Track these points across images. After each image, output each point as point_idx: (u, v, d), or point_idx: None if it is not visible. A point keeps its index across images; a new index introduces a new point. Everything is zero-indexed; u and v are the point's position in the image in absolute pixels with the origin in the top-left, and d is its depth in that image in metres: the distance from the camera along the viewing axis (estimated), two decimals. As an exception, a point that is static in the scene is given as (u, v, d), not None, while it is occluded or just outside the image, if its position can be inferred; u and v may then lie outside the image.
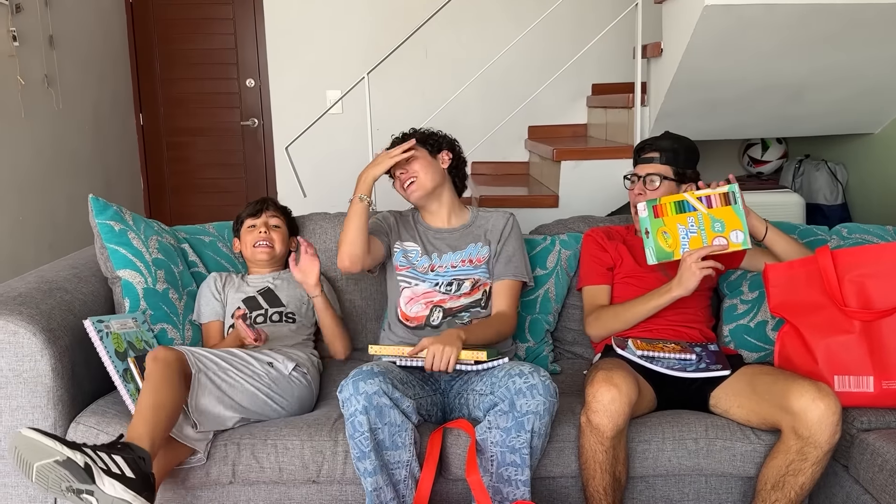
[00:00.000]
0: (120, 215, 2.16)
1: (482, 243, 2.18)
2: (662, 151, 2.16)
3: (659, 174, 2.15)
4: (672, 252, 2.00)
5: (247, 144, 4.83)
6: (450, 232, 2.21)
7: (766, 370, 1.90)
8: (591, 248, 2.26)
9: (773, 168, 4.08)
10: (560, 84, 3.73)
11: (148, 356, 1.75)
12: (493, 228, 2.21)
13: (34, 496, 1.86)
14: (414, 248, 2.19)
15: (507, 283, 2.16)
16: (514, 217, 2.26)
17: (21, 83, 3.49)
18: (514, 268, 2.17)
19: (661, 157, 2.16)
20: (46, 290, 1.97)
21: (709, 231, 1.97)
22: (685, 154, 2.17)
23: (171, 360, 1.73)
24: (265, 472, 1.83)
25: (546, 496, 1.88)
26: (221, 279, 2.28)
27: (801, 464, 1.71)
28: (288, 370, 1.98)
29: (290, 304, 2.26)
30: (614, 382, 1.74)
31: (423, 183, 2.14)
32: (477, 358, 1.84)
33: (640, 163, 2.20)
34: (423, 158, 2.15)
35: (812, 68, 2.76)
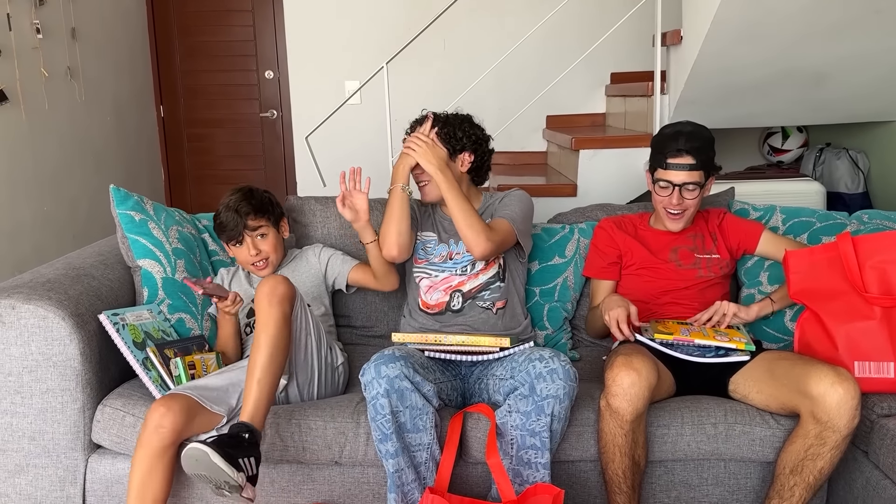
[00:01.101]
0: (141, 205, 2.19)
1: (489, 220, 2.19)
2: (696, 155, 2.04)
3: (696, 182, 2.06)
4: (671, 333, 1.95)
5: (266, 136, 4.86)
6: None
7: (785, 355, 1.90)
8: (598, 242, 2.27)
9: (793, 157, 4.05)
10: (578, 73, 3.72)
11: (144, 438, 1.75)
12: (497, 203, 2.22)
13: (63, 477, 1.91)
14: (432, 238, 2.21)
15: (495, 220, 2.13)
16: (520, 190, 2.25)
17: (45, 75, 3.54)
18: (505, 212, 2.14)
19: (697, 163, 2.05)
20: (74, 277, 2.01)
21: (710, 332, 1.98)
22: (709, 150, 2.08)
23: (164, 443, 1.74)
24: (289, 450, 1.86)
25: (565, 479, 1.90)
26: (228, 275, 2.26)
27: (820, 448, 1.71)
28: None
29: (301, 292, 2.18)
30: (634, 367, 1.75)
31: (435, 188, 2.13)
32: (502, 345, 1.86)
33: (674, 168, 2.06)
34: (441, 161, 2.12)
35: (833, 55, 2.74)
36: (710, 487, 1.93)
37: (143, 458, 1.73)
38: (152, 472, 1.73)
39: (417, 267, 2.19)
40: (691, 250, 2.18)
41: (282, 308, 1.77)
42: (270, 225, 2.20)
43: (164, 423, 1.71)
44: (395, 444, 1.73)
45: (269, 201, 2.23)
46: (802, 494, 1.76)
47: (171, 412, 1.72)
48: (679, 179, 2.06)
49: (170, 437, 1.72)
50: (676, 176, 2.06)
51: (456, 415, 1.85)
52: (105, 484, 1.91)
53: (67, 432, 1.89)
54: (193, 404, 1.78)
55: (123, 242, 2.15)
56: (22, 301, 1.84)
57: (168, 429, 1.71)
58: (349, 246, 2.42)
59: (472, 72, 3.78)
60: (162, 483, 1.75)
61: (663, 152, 2.08)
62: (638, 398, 1.74)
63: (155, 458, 1.73)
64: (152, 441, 1.72)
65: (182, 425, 1.73)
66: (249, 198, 2.17)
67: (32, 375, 1.86)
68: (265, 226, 2.18)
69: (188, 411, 1.75)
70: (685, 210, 2.11)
